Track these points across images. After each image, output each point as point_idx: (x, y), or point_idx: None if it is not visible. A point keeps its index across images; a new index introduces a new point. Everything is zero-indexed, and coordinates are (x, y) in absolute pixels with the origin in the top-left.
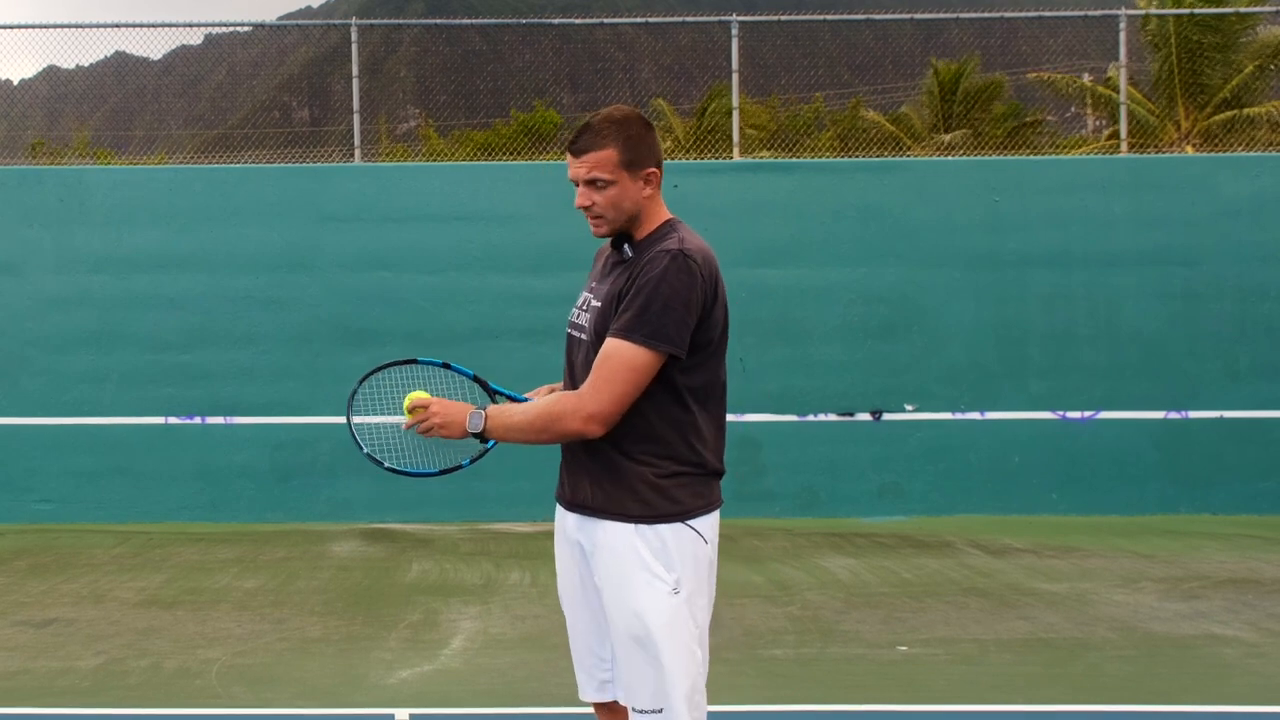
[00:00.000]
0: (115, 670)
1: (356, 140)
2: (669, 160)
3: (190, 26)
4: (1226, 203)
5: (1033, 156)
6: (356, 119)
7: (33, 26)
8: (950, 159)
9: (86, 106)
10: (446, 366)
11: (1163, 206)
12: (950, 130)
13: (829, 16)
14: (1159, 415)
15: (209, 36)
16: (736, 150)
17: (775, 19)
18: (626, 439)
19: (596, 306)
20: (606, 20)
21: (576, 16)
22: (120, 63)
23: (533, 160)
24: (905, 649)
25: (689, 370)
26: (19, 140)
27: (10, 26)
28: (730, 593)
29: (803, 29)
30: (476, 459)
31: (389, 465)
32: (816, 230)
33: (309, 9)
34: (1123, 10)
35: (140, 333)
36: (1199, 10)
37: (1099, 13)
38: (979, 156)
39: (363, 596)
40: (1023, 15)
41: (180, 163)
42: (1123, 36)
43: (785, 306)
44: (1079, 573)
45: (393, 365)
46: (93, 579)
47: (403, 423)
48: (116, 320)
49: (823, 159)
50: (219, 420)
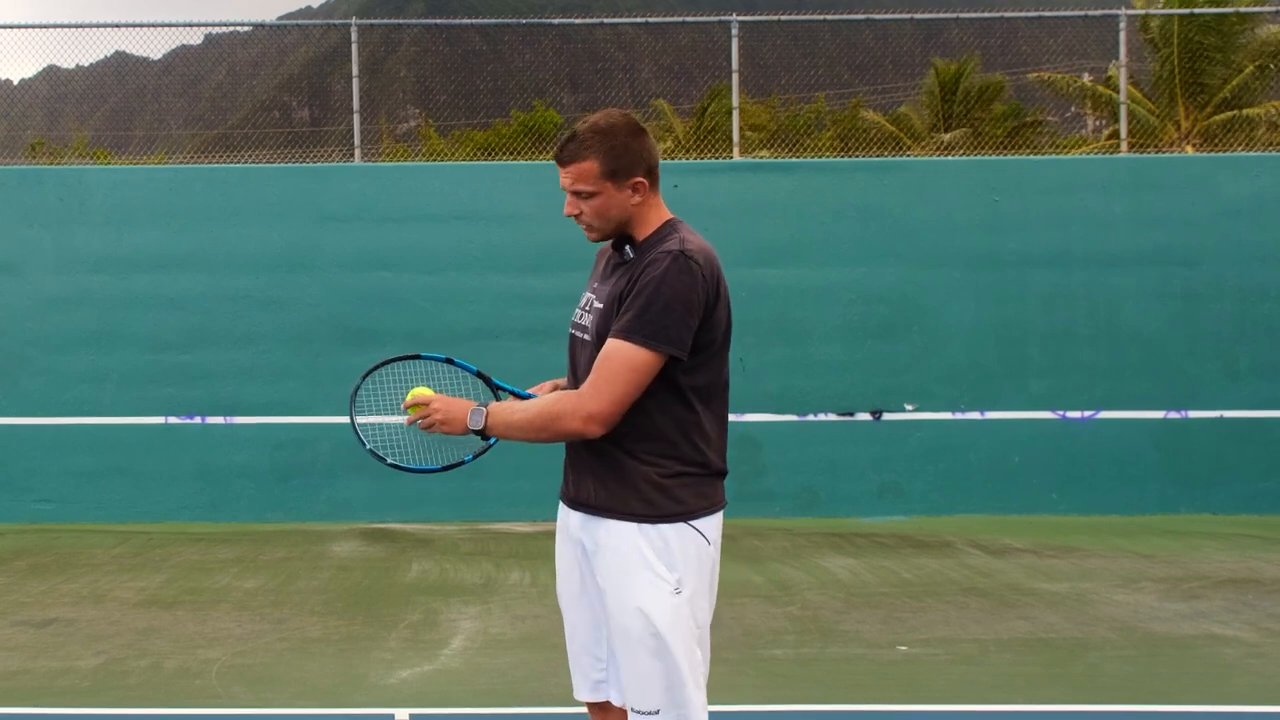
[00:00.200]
0: (115, 670)
1: (356, 140)
2: (669, 160)
3: (190, 26)
4: (1226, 203)
5: (1033, 156)
6: (356, 119)
7: (33, 26)
8: (950, 159)
9: (86, 106)
10: (450, 362)
11: (1163, 206)
12: (950, 130)
13: (829, 16)
14: (1159, 415)
15: (209, 36)
16: (736, 150)
17: (775, 19)
18: (630, 438)
19: (599, 308)
20: (606, 20)
21: (576, 16)
22: (120, 63)
23: (533, 160)
24: (905, 649)
25: (692, 370)
26: (19, 140)
27: (10, 26)
28: (730, 593)
29: (803, 29)
30: (479, 455)
31: (391, 461)
32: (816, 230)
33: (309, 9)
34: (1123, 10)
35: (140, 333)
36: (1199, 10)
37: (1099, 13)
38: (979, 156)
39: (363, 596)
40: (1023, 15)
41: (180, 163)
42: (1123, 36)
43: (785, 306)
44: (1079, 573)
45: (396, 361)
46: (93, 579)
47: (405, 419)
48: (116, 320)
49: (823, 159)
50: (219, 420)
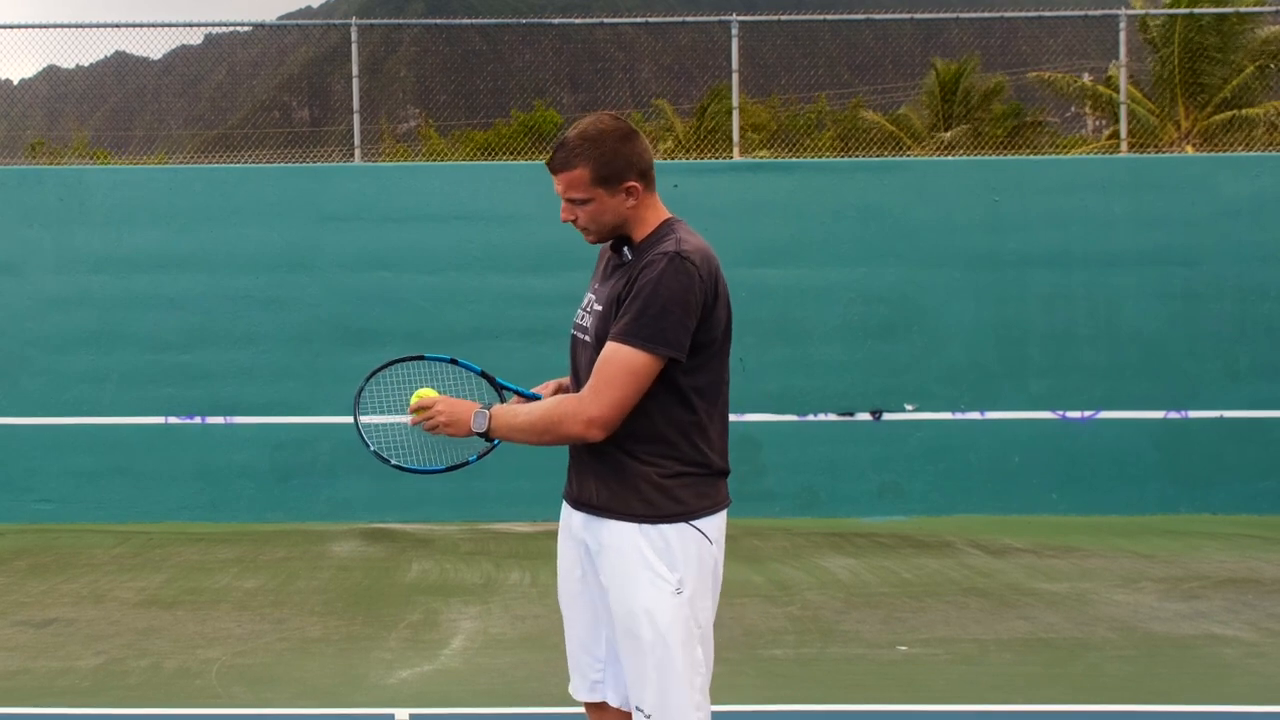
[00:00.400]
0: (115, 670)
1: (356, 140)
2: (669, 160)
3: (190, 26)
4: (1226, 203)
5: (1033, 156)
6: (356, 119)
7: (33, 26)
8: (950, 159)
9: (86, 106)
10: (454, 362)
11: (1163, 206)
12: (950, 130)
13: (829, 16)
14: (1159, 415)
15: (209, 36)
16: (736, 150)
17: (775, 19)
18: (631, 439)
19: (597, 310)
20: (606, 20)
21: (576, 16)
22: (120, 63)
23: (533, 160)
24: (905, 649)
25: (692, 370)
26: (19, 140)
27: (10, 26)
28: (730, 593)
29: (803, 29)
30: (483, 455)
31: (395, 462)
32: (816, 230)
33: (309, 9)
34: (1123, 10)
35: (140, 333)
36: (1199, 10)
37: (1099, 13)
38: (979, 156)
39: (363, 596)
40: (1023, 15)
41: (180, 163)
42: (1123, 36)
43: (785, 306)
44: (1079, 573)
45: (400, 361)
46: (93, 579)
47: (409, 420)
48: (116, 320)
49: (823, 159)
50: (219, 420)
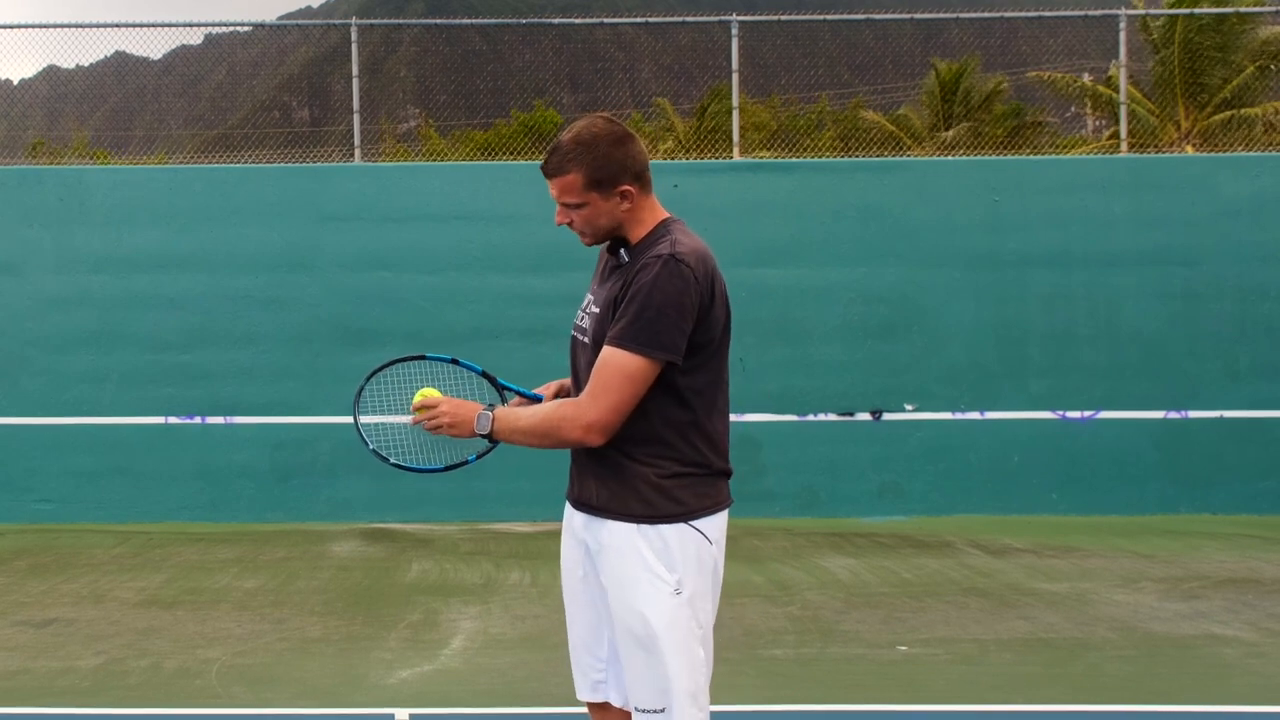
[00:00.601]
0: (115, 670)
1: (356, 140)
2: (669, 160)
3: (190, 26)
4: (1226, 203)
5: (1033, 156)
6: (356, 119)
7: (33, 26)
8: (950, 159)
9: (86, 106)
10: (455, 362)
11: (1163, 206)
12: (951, 129)
13: (829, 16)
14: (1159, 415)
15: (209, 36)
16: (736, 150)
17: (775, 19)
18: (629, 440)
19: (595, 312)
20: (606, 20)
21: (576, 16)
22: (120, 63)
23: (533, 160)
24: (905, 649)
25: (690, 371)
26: (19, 140)
27: (10, 26)
28: (730, 593)
29: (803, 29)
30: (483, 455)
31: (394, 462)
32: (816, 230)
33: (309, 9)
34: (1123, 10)
35: (140, 333)
36: (1199, 10)
37: (1099, 13)
38: (979, 156)
39: (363, 596)
40: (1023, 15)
41: (180, 163)
42: (1123, 36)
43: (785, 306)
44: (1079, 573)
45: (401, 361)
46: (93, 579)
47: (411, 420)
48: (116, 320)
49: (823, 159)
50: (219, 420)
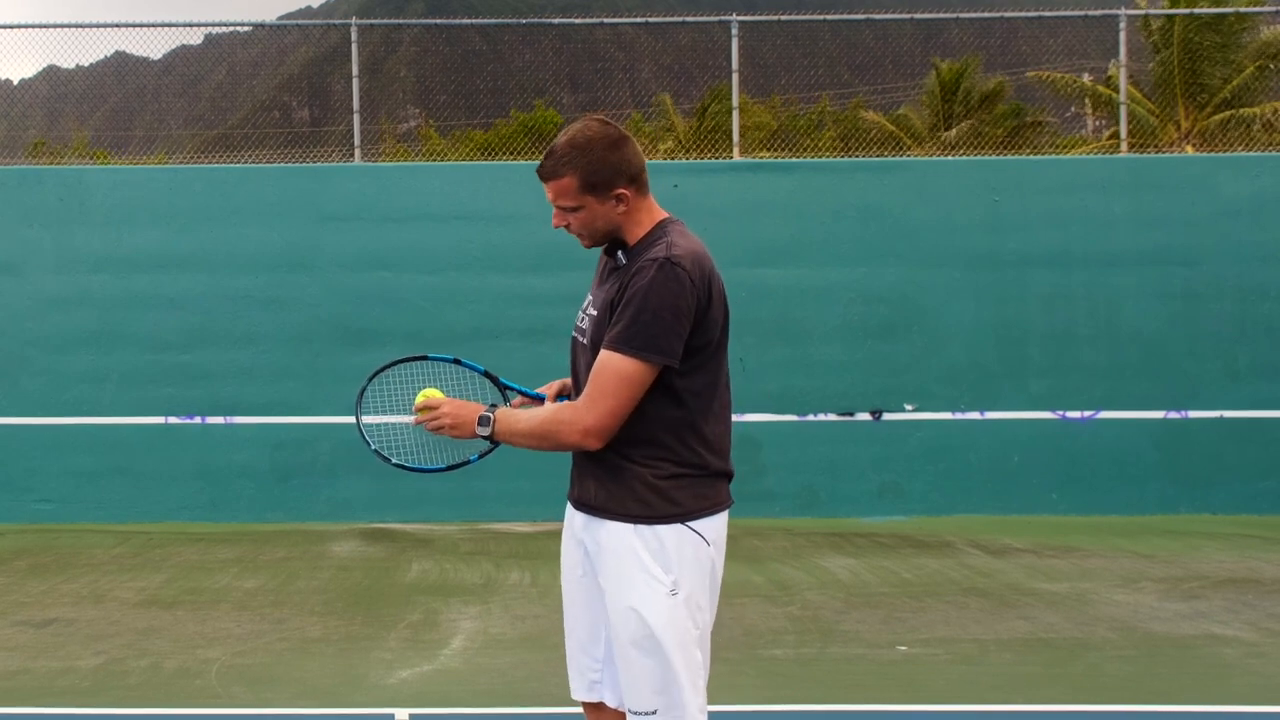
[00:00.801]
0: (115, 670)
1: (356, 140)
2: (669, 160)
3: (190, 26)
4: (1226, 203)
5: (1033, 156)
6: (356, 119)
7: (33, 26)
8: (950, 159)
9: (86, 106)
10: (457, 362)
11: (1163, 206)
12: (951, 129)
13: (829, 16)
14: (1159, 415)
15: (209, 36)
16: (736, 150)
17: (775, 19)
18: (627, 442)
19: (593, 315)
20: (606, 20)
21: (576, 16)
22: (120, 63)
23: (533, 160)
24: (905, 649)
25: (687, 373)
26: (19, 140)
27: (10, 26)
28: (730, 593)
29: (803, 29)
30: (484, 455)
31: (396, 462)
32: (816, 230)
33: (309, 9)
34: (1123, 10)
35: (140, 333)
36: (1199, 10)
37: (1099, 13)
38: (979, 156)
39: (363, 596)
40: (1023, 15)
41: (180, 163)
42: (1123, 36)
43: (785, 306)
44: (1079, 573)
45: (403, 362)
46: (93, 579)
47: (412, 420)
48: (116, 320)
49: (823, 159)
50: (219, 420)
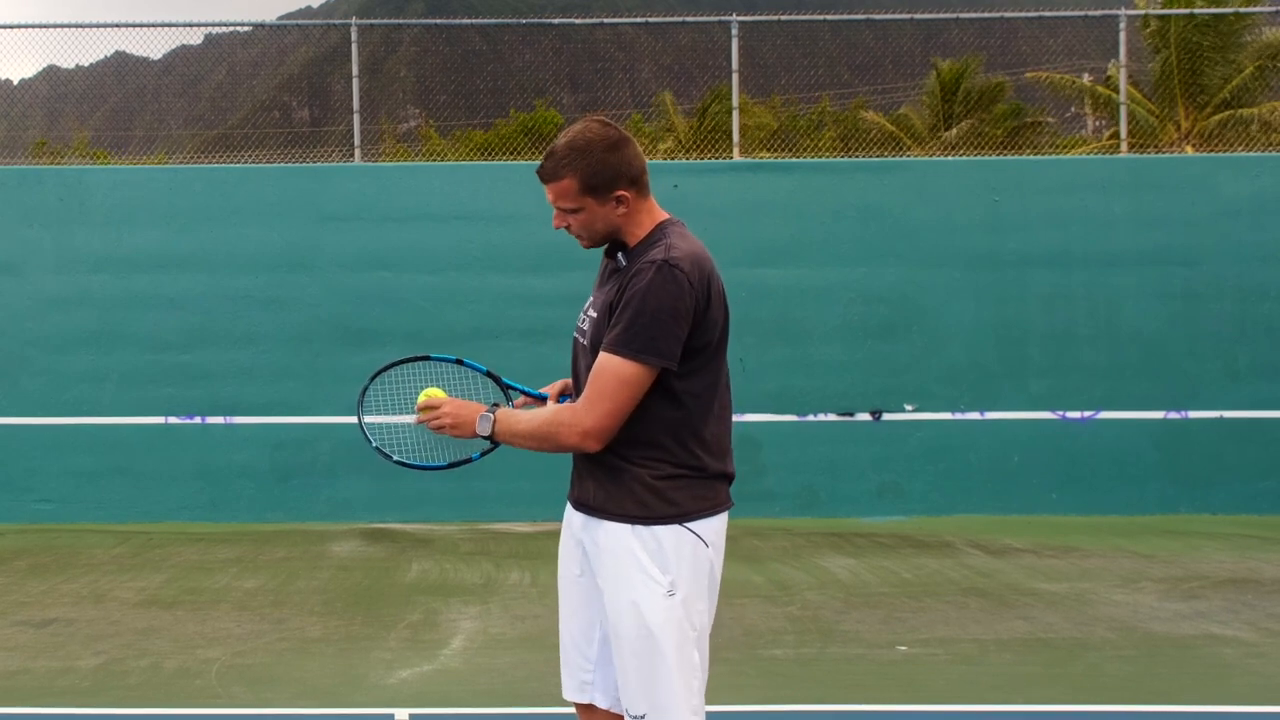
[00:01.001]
0: (115, 670)
1: (356, 140)
2: (669, 160)
3: (190, 26)
4: (1226, 203)
5: (1033, 156)
6: (356, 119)
7: (33, 26)
8: (950, 159)
9: (86, 106)
10: (459, 363)
11: (1163, 206)
12: (951, 129)
13: (829, 16)
14: (1159, 415)
15: (209, 36)
16: (736, 150)
17: (775, 19)
18: (625, 442)
19: (593, 316)
20: (606, 20)
21: (576, 16)
22: (120, 63)
23: (533, 160)
24: (905, 649)
25: (686, 375)
26: (19, 140)
27: (10, 26)
28: (730, 593)
29: (803, 29)
30: (486, 453)
31: (397, 459)
32: (816, 230)
33: (309, 9)
34: (1123, 10)
35: (140, 333)
36: (1199, 10)
37: (1099, 13)
38: (979, 156)
39: (363, 596)
40: (1023, 15)
41: (180, 163)
42: (1123, 36)
43: (785, 306)
44: (1079, 573)
45: (405, 362)
46: (93, 579)
47: (414, 419)
48: (116, 320)
49: (823, 159)
50: (219, 420)
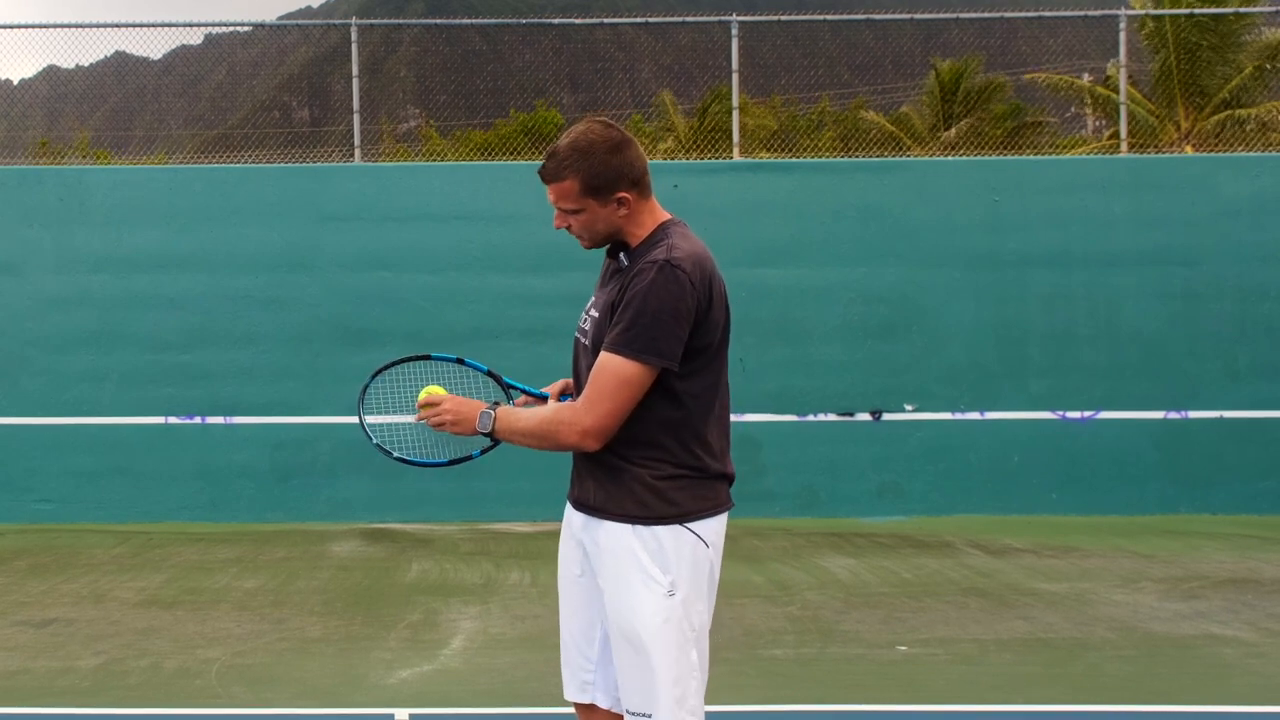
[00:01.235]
0: (115, 670)
1: (356, 140)
2: (669, 160)
3: (190, 26)
4: (1226, 203)
5: (1033, 156)
6: (356, 119)
7: (34, 26)
8: (950, 159)
9: (86, 106)
10: (460, 362)
11: (1163, 206)
12: (951, 128)
13: (829, 16)
14: (1159, 415)
15: (209, 36)
16: (736, 150)
17: (775, 19)
18: (625, 442)
19: (594, 316)
20: (606, 20)
21: (576, 16)
22: (120, 63)
23: (532, 160)
24: (905, 649)
25: (687, 375)
26: (19, 140)
27: (10, 26)
28: (730, 593)
29: (803, 29)
30: (487, 451)
31: (398, 455)
32: (816, 230)
33: (309, 9)
34: (1123, 10)
35: (140, 333)
36: (1198, 10)
37: (1099, 13)
38: (979, 156)
39: (363, 596)
40: (1023, 15)
41: (180, 163)
42: (1123, 36)
43: (785, 306)
44: (1079, 573)
45: (406, 361)
46: (93, 579)
47: (415, 418)
48: (116, 320)
49: (823, 159)
50: (219, 420)
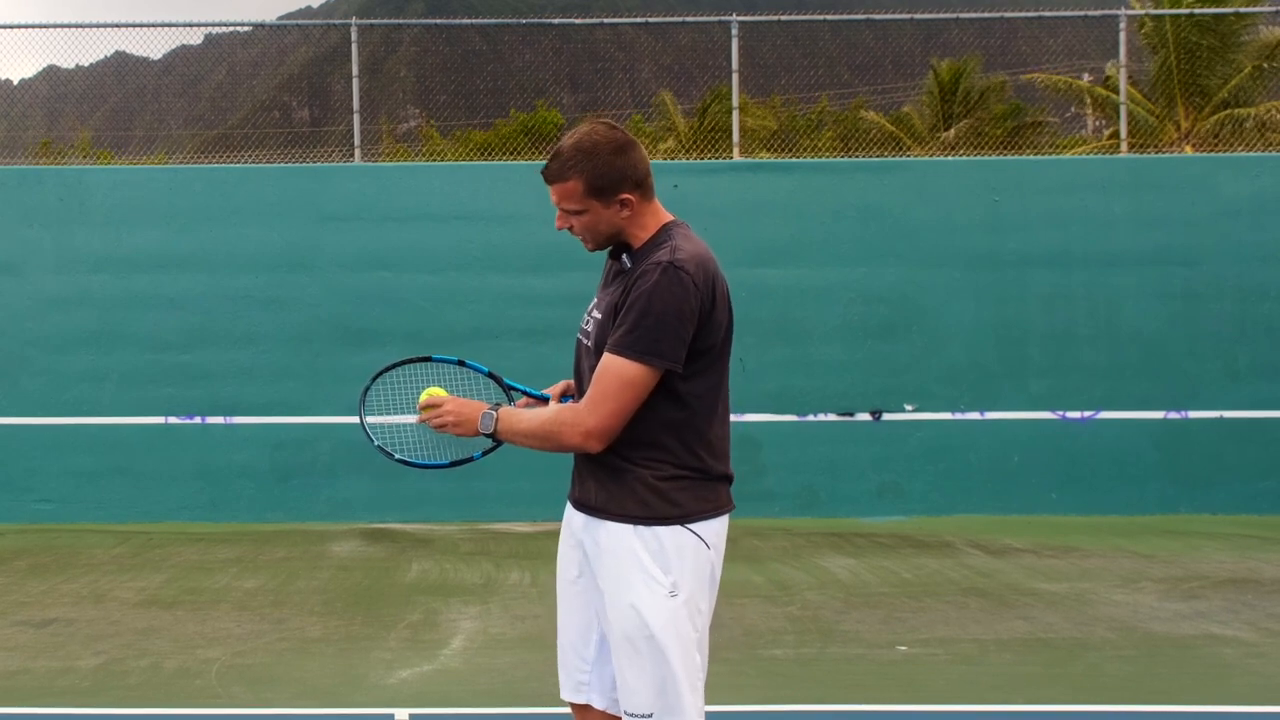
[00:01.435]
0: (115, 670)
1: (356, 140)
2: (669, 160)
3: (190, 26)
4: (1226, 203)
5: (1033, 156)
6: (356, 119)
7: (34, 26)
8: (950, 159)
9: (86, 106)
10: (461, 364)
11: (1163, 206)
12: (951, 129)
13: (829, 16)
14: (1159, 415)
15: (209, 36)
16: (736, 150)
17: (775, 19)
18: (627, 443)
19: (597, 318)
20: (606, 20)
21: (576, 16)
22: (120, 63)
23: (533, 160)
24: (905, 649)
25: (690, 377)
26: (19, 140)
27: (10, 26)
28: (730, 593)
29: (803, 29)
30: (488, 452)
31: (399, 457)
32: (816, 230)
33: (309, 9)
34: (1123, 10)
35: (140, 333)
36: (1198, 10)
37: (1099, 13)
38: (979, 156)
39: (363, 596)
40: (1023, 15)
41: (180, 163)
42: (1123, 36)
43: (785, 306)
44: (1079, 573)
45: (407, 362)
46: (93, 579)
47: (416, 419)
48: (116, 320)
49: (823, 159)
50: (219, 420)
